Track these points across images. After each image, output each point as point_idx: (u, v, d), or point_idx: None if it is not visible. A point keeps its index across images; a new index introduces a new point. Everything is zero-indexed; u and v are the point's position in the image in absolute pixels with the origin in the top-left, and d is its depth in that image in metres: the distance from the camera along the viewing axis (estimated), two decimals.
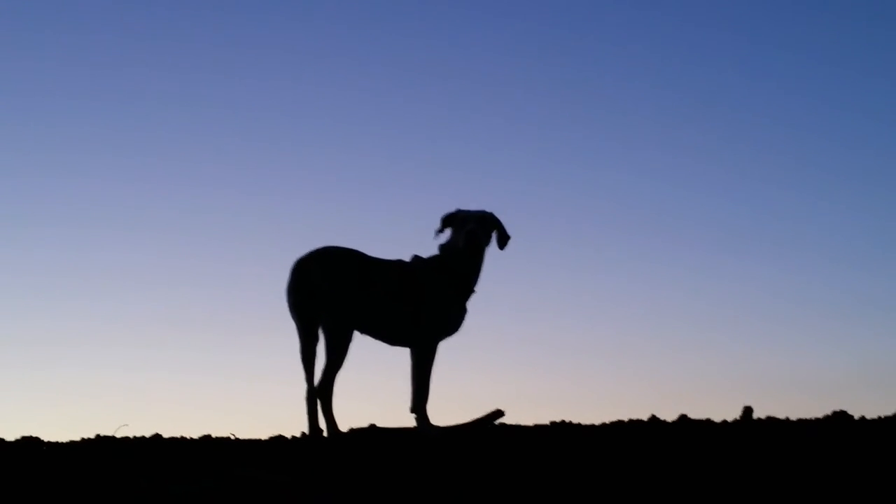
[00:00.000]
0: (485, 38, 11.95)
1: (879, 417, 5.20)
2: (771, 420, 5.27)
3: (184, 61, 11.23)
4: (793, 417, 5.34)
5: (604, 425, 5.28)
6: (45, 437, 5.06)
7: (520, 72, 12.09)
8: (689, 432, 4.70)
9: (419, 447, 4.29)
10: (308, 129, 11.59)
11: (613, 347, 10.49)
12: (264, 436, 5.12)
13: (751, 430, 4.71)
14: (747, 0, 11.71)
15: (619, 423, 5.39)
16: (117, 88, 10.98)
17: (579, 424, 5.35)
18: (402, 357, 4.94)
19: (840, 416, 5.17)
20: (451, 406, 5.51)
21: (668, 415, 5.44)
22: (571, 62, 11.98)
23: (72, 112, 10.93)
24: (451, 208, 5.00)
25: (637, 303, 11.06)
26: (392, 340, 4.89)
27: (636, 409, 8.97)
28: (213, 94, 11.35)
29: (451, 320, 4.91)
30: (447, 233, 4.99)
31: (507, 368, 9.23)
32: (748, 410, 5.38)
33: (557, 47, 11.98)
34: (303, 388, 4.68)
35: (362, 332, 4.81)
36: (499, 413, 5.08)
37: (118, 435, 5.18)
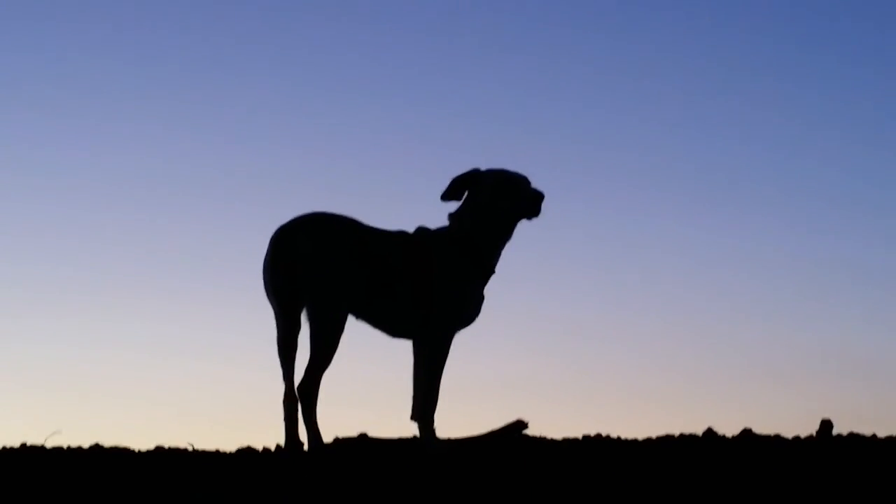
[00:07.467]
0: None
1: None
2: (854, 437, 5.03)
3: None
4: (880, 434, 5.07)
5: (648, 440, 5.08)
6: None
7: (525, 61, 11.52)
8: (754, 450, 4.44)
9: (421, 463, 3.97)
10: (293, 82, 10.93)
11: (661, 347, 9.70)
12: (230, 447, 4.91)
13: (829, 449, 4.52)
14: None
15: (668, 437, 5.13)
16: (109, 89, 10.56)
17: (618, 438, 5.16)
18: (401, 350, 4.51)
19: None
20: (461, 415, 5.14)
21: (729, 429, 5.15)
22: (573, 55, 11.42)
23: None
24: (464, 167, 4.46)
25: (697, 292, 10.32)
26: (394, 331, 4.43)
27: (689, 422, 8.40)
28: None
29: (469, 307, 4.43)
30: (462, 198, 4.48)
31: (530, 369, 8.59)
32: (826, 425, 5.16)
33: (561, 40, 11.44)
34: (280, 387, 4.27)
35: (358, 317, 4.37)
36: (521, 424, 4.79)
37: (49, 444, 4.91)
